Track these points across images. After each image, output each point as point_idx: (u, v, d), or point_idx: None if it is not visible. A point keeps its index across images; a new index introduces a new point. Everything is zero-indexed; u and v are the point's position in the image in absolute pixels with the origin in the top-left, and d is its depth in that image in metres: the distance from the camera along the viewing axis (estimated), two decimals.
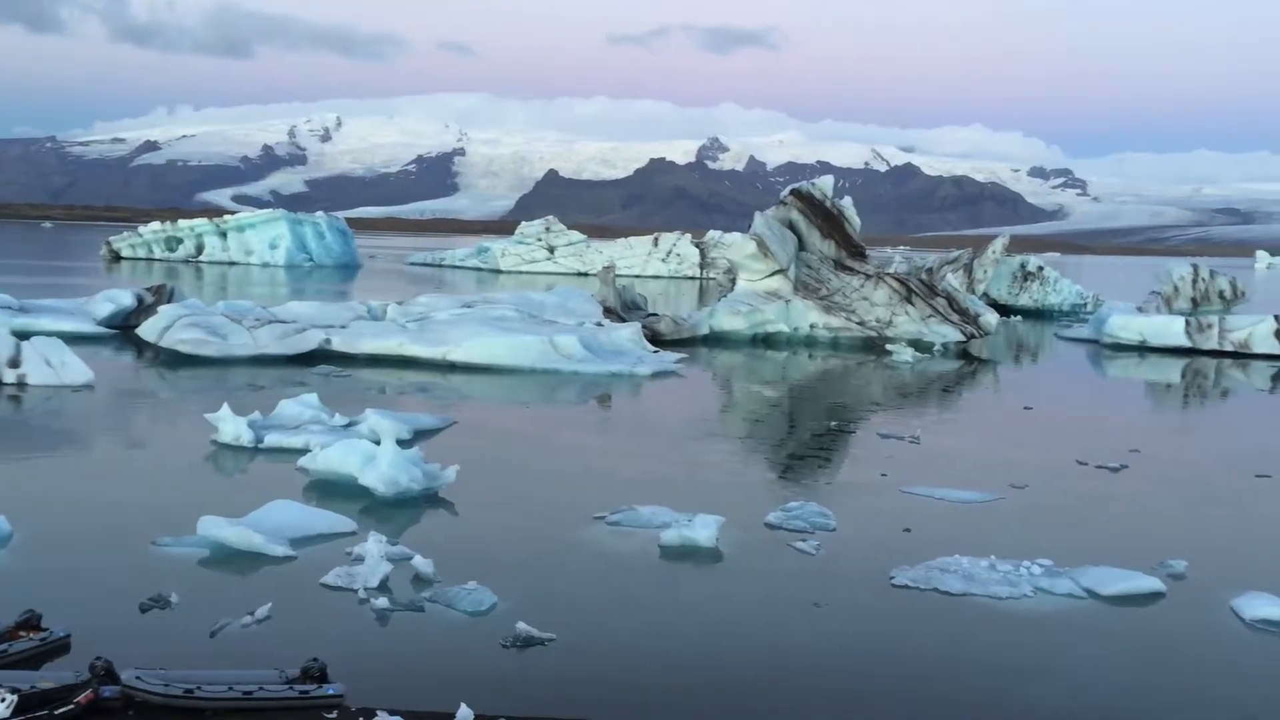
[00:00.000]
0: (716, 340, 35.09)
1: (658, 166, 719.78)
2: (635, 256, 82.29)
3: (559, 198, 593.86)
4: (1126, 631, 10.32)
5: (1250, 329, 36.07)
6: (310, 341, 26.77)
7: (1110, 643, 10.03)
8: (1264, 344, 35.52)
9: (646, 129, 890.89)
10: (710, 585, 11.35)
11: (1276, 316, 36.80)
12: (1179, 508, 15.38)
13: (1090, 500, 15.39)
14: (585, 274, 74.89)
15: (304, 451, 15.43)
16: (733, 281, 38.78)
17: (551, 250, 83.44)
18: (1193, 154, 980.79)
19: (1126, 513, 14.90)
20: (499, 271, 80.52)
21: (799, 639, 9.79)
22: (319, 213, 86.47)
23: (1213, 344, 35.94)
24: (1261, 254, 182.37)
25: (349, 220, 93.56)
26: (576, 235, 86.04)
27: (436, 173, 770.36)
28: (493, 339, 27.09)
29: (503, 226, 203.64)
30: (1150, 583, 11.26)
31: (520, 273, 79.59)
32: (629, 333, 29.78)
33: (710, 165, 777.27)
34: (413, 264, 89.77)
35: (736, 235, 39.76)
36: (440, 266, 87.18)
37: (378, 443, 14.56)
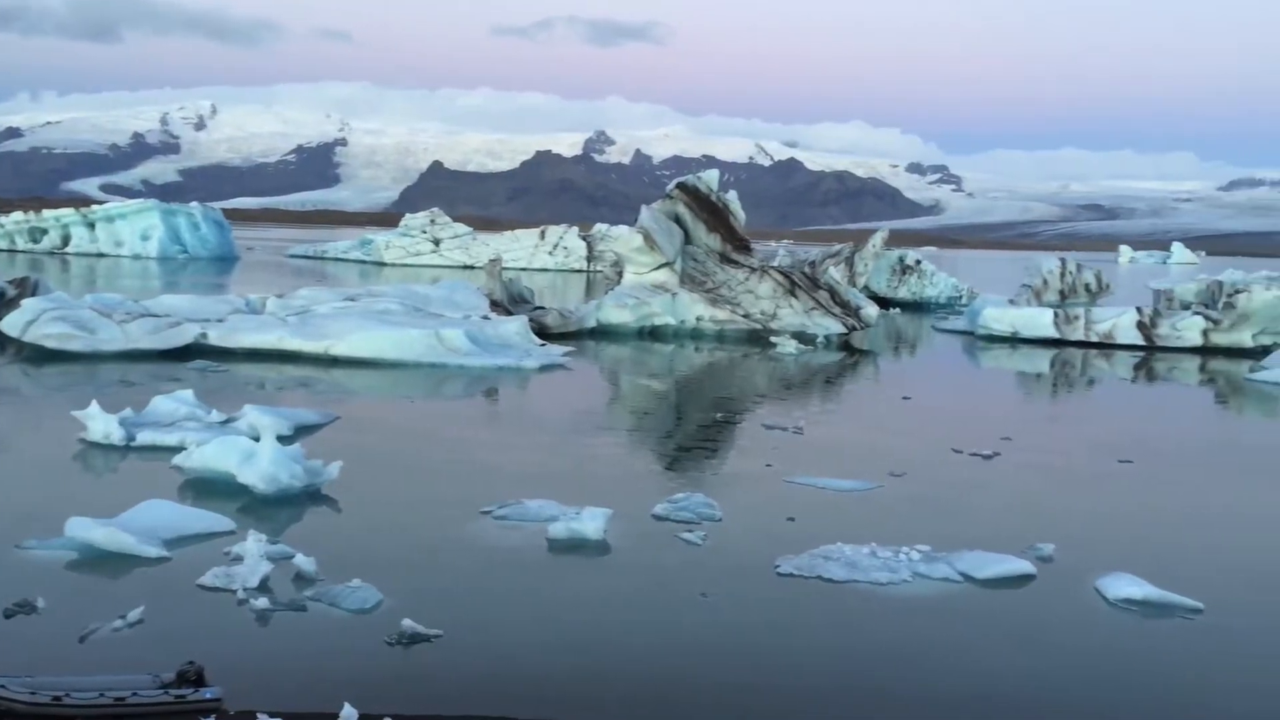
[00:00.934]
0: (604, 333, 35.15)
1: (544, 159, 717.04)
2: (522, 249, 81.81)
3: (444, 190, 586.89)
4: (999, 613, 10.68)
5: (1114, 321, 37.63)
6: (185, 336, 25.95)
7: (985, 624, 10.38)
8: (1127, 335, 37.10)
9: (532, 121, 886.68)
10: (598, 578, 11.39)
11: (1138, 309, 38.48)
12: (1047, 493, 15.97)
13: (965, 487, 15.88)
14: (471, 267, 74.17)
15: (179, 449, 14.96)
16: (619, 275, 38.89)
17: (437, 243, 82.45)
18: (1060, 152, 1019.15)
19: (998, 498, 15.41)
20: (383, 264, 79.22)
21: (687, 629, 9.88)
22: (194, 203, 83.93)
23: (1079, 335, 37.38)
24: (1124, 249, 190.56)
25: (226, 211, 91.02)
26: (462, 228, 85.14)
27: (317, 163, 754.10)
28: (377, 333, 26.66)
29: (387, 218, 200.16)
30: (1021, 565, 11.67)
31: (405, 266, 78.44)
32: (516, 326, 29.63)
33: (597, 158, 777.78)
34: (293, 256, 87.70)
35: (623, 228, 39.94)
36: (322, 259, 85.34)
37: (257, 439, 14.21)
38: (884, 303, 49.99)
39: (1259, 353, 34.27)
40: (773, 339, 34.58)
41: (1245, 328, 36.64)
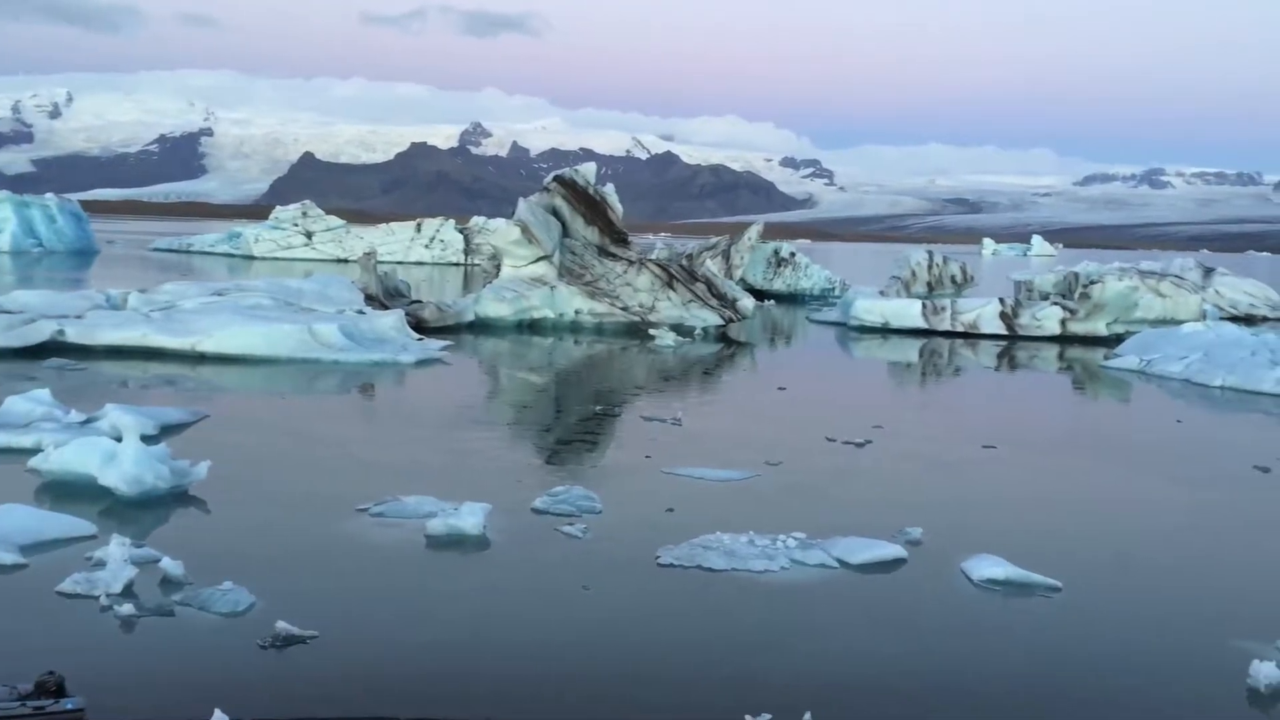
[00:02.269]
0: (482, 327, 34.87)
1: (419, 151, 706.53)
2: (397, 243, 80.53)
3: (316, 181, 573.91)
4: (873, 596, 10.98)
5: (978, 311, 38.95)
6: (40, 333, 24.81)
7: (859, 608, 10.66)
8: (990, 325, 38.45)
9: (407, 112, 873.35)
10: (478, 573, 11.32)
11: (1001, 299, 39.90)
12: (916, 479, 16.46)
13: (838, 474, 16.26)
14: (345, 260, 72.71)
15: (35, 451, 14.31)
16: (497, 268, 38.61)
17: (309, 236, 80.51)
18: (927, 147, 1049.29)
19: (870, 485, 15.83)
20: (252, 258, 76.99)
21: (568, 623, 9.90)
22: (49, 194, 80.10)
23: (946, 325, 38.59)
24: (988, 241, 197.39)
25: (84, 203, 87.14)
26: (335, 220, 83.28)
27: (181, 154, 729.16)
28: (246, 328, 25.93)
29: (256, 211, 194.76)
30: (893, 550, 12.02)
31: (276, 259, 76.40)
32: (392, 320, 29.17)
33: (473, 150, 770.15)
34: (157, 250, 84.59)
35: (501, 221, 39.71)
36: (188, 252, 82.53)
37: (119, 439, 13.68)
38: (760, 295, 50.74)
39: (1113, 341, 35.88)
40: (651, 331, 34.80)
41: (1100, 317, 38.33)
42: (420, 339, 29.36)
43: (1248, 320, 43.80)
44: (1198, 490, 16.28)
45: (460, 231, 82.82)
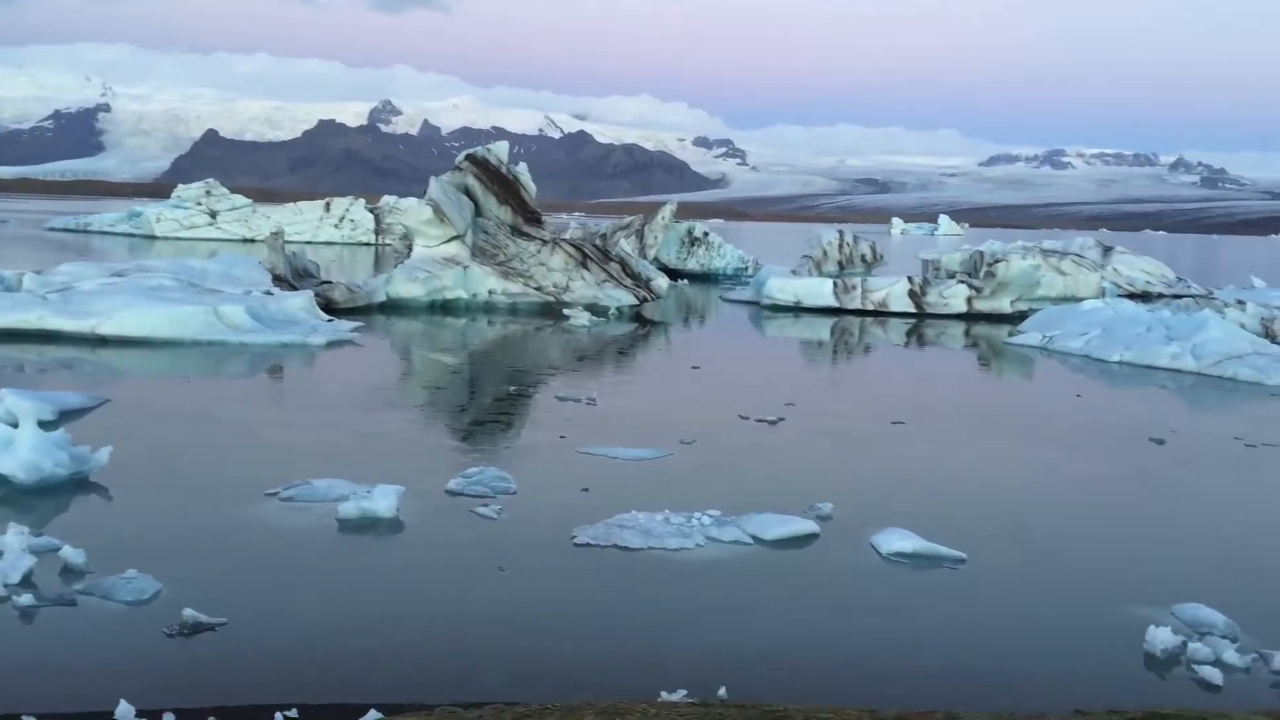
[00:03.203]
0: (394, 308, 34.45)
1: (327, 128, 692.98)
2: (306, 222, 78.99)
3: (220, 159, 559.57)
4: (786, 571, 11.14)
5: (888, 289, 39.61)
6: None
7: (773, 583, 10.80)
8: (899, 303, 39.13)
9: (314, 89, 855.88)
10: (392, 556, 11.21)
11: (909, 278, 40.63)
12: (827, 455, 16.72)
13: (751, 452, 16.44)
14: (252, 240, 71.15)
15: None
16: (409, 248, 38.15)
17: (213, 215, 78.56)
18: (836, 127, 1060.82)
19: (783, 461, 16.03)
20: (154, 238, 74.89)
21: (484, 604, 9.87)
22: None
23: (857, 303, 39.18)
24: (896, 220, 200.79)
25: None
26: (241, 199, 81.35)
27: (78, 130, 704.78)
28: (148, 310, 25.24)
29: (157, 189, 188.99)
30: (806, 525, 12.20)
31: (179, 239, 74.42)
32: (301, 301, 28.65)
33: (383, 128, 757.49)
34: (53, 229, 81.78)
35: (412, 201, 39.14)
36: (86, 232, 79.96)
37: (15, 425, 13.24)
38: (674, 274, 50.92)
39: (1016, 318, 36.78)
40: (565, 311, 34.72)
41: (1004, 295, 39.25)
42: (330, 320, 28.90)
43: (1144, 297, 45.24)
44: (1096, 462, 16.81)
45: (371, 211, 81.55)
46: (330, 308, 31.51)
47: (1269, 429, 19.61)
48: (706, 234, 57.54)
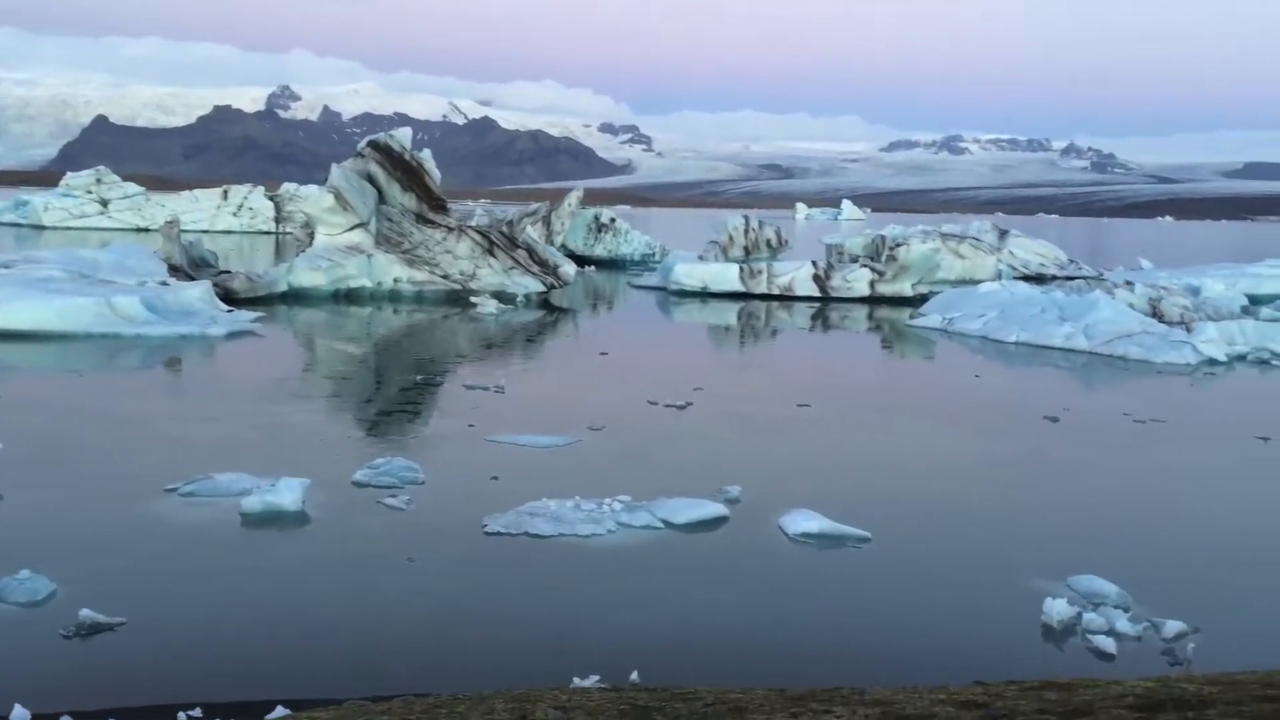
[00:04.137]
0: (296, 297, 33.81)
1: (223, 114, 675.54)
2: (202, 210, 77.02)
3: (111, 146, 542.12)
4: (697, 555, 11.24)
5: (793, 274, 40.12)
6: None
7: (684, 567, 10.89)
8: (804, 287, 39.67)
9: (209, 74, 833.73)
10: (298, 549, 11.04)
11: (814, 263, 41.20)
12: (735, 438, 16.89)
13: (660, 437, 16.53)
14: (146, 230, 69.10)
15: None
16: (311, 236, 37.43)
17: (105, 204, 76.11)
18: (741, 114, 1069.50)
19: (692, 446, 16.15)
20: (42, 228, 72.24)
21: (393, 595, 9.77)
22: None
23: (763, 288, 39.60)
24: (800, 206, 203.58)
25: None
26: (133, 187, 78.92)
27: None
28: (37, 302, 24.38)
29: (45, 178, 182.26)
30: (715, 509, 12.33)
31: (68, 229, 71.91)
32: (198, 292, 27.95)
33: (282, 114, 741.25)
34: None
35: (313, 188, 38.44)
36: None
37: None
38: (581, 260, 50.87)
39: (918, 301, 37.53)
40: (472, 299, 34.46)
41: (905, 278, 40.03)
42: (230, 310, 28.27)
43: (1038, 279, 46.48)
44: (994, 440, 17.28)
45: (270, 198, 79.82)
46: (229, 298, 30.82)
47: (1156, 405, 20.36)
48: (613, 220, 57.58)
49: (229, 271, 35.15)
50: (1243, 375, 24.91)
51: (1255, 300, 39.65)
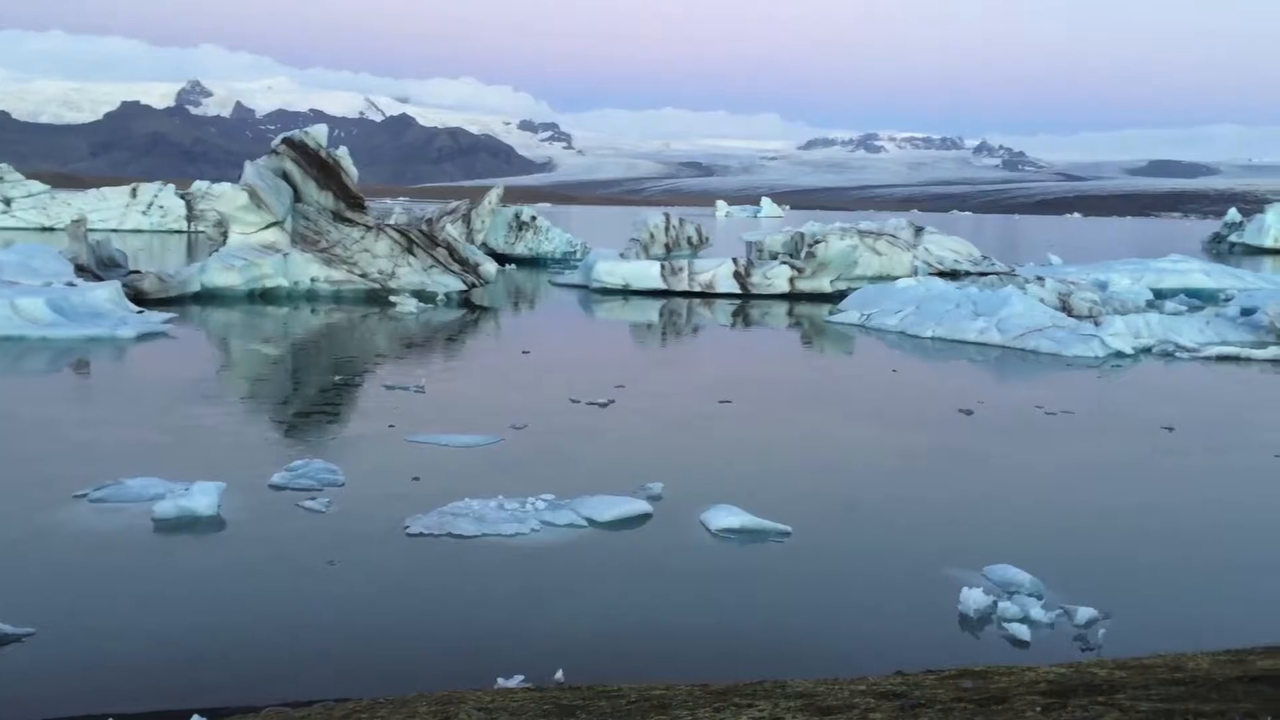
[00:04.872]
0: (209, 297, 33.11)
1: (131, 110, 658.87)
2: (111, 209, 75.07)
3: (13, 143, 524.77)
4: (621, 552, 11.26)
5: (714, 271, 40.36)
6: None
7: (608, 564, 10.90)
8: (725, 284, 39.93)
9: (116, 69, 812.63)
10: (214, 555, 10.81)
11: (734, 259, 41.48)
12: (657, 435, 16.95)
13: (583, 435, 16.52)
14: (51, 229, 67.21)
15: None
16: (224, 235, 36.72)
17: (7, 202, 73.75)
18: (661, 111, 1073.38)
19: (614, 443, 16.17)
20: None
21: (313, 600, 9.63)
22: None
23: (684, 285, 39.78)
24: (721, 203, 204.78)
25: None
26: (38, 185, 76.64)
27: None
28: None
29: None
30: (639, 506, 12.36)
31: None
32: (107, 293, 27.24)
33: (192, 110, 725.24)
34: None
35: (226, 186, 37.70)
36: None
37: None
38: (502, 259, 50.62)
39: (836, 297, 38.01)
40: (392, 298, 34.09)
41: (824, 275, 40.51)
42: (140, 312, 27.62)
43: (953, 275, 47.36)
44: (911, 434, 17.57)
45: (181, 197, 78.03)
46: (140, 299, 30.10)
47: (1066, 397, 20.89)
48: (534, 218, 57.37)
49: (139, 271, 34.32)
50: (1148, 367, 25.67)
51: (1159, 294, 40.90)
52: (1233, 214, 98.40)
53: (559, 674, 7.87)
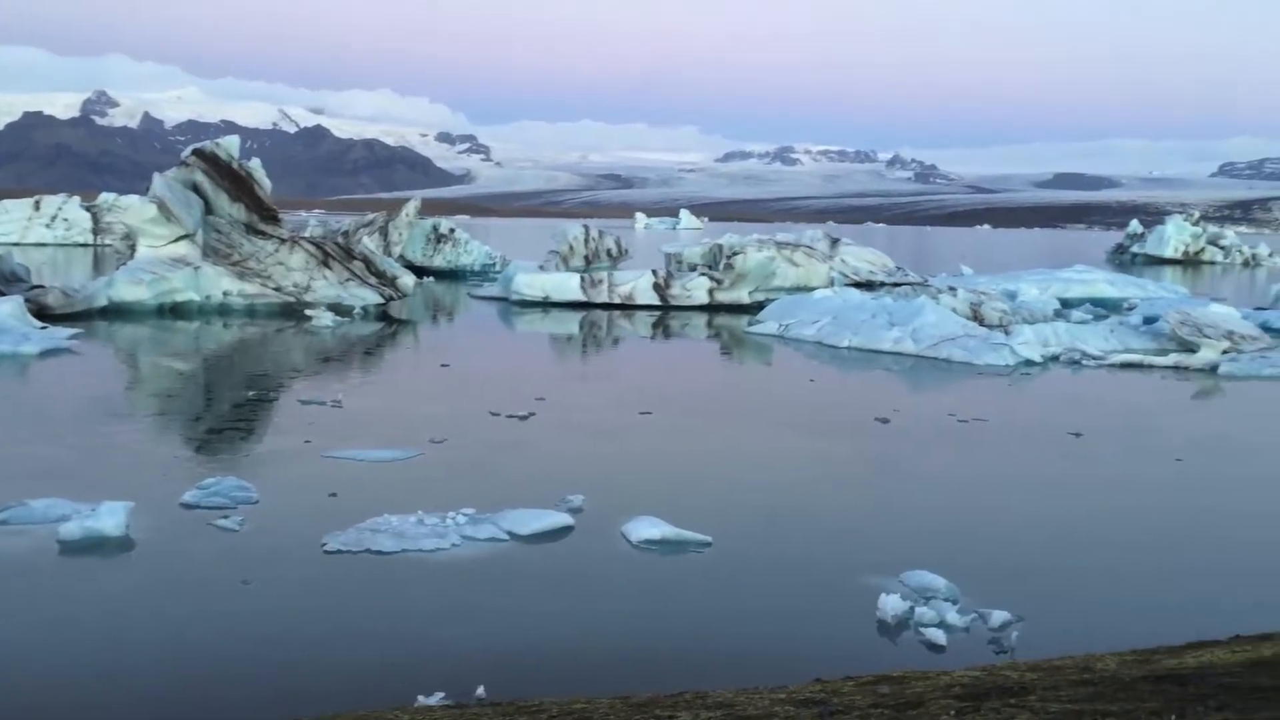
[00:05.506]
0: (117, 313, 32.28)
1: (34, 121, 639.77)
2: (13, 222, 72.87)
3: None
4: (542, 565, 11.21)
5: (633, 283, 40.46)
6: None
7: (529, 578, 10.84)
8: (645, 296, 40.05)
9: (17, 79, 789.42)
10: (122, 576, 10.53)
11: (654, 271, 41.64)
12: (578, 447, 16.92)
13: (503, 448, 16.43)
14: None
15: None
16: (132, 248, 35.81)
17: None
18: (579, 124, 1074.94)
19: (535, 456, 16.11)
20: None
21: (226, 620, 9.42)
22: None
23: (604, 297, 39.82)
24: (640, 215, 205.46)
25: None
26: None
27: None
28: None
29: None
30: (561, 519, 12.32)
31: None
32: (9, 308, 26.41)
33: (98, 121, 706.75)
34: None
35: (134, 198, 36.78)
36: None
37: None
38: (420, 271, 50.16)
39: (755, 308, 38.37)
40: (308, 312, 33.57)
41: (743, 286, 40.87)
42: (44, 327, 26.82)
43: (868, 286, 48.11)
44: (829, 442, 17.80)
45: (87, 209, 76.07)
46: (43, 314, 29.24)
47: (978, 405, 21.34)
48: (453, 230, 56.99)
49: (42, 286, 33.34)
50: (1056, 375, 26.34)
51: (1066, 304, 42.01)
52: (1135, 225, 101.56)
53: (480, 690, 7.80)
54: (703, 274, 41.97)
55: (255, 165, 37.12)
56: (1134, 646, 7.69)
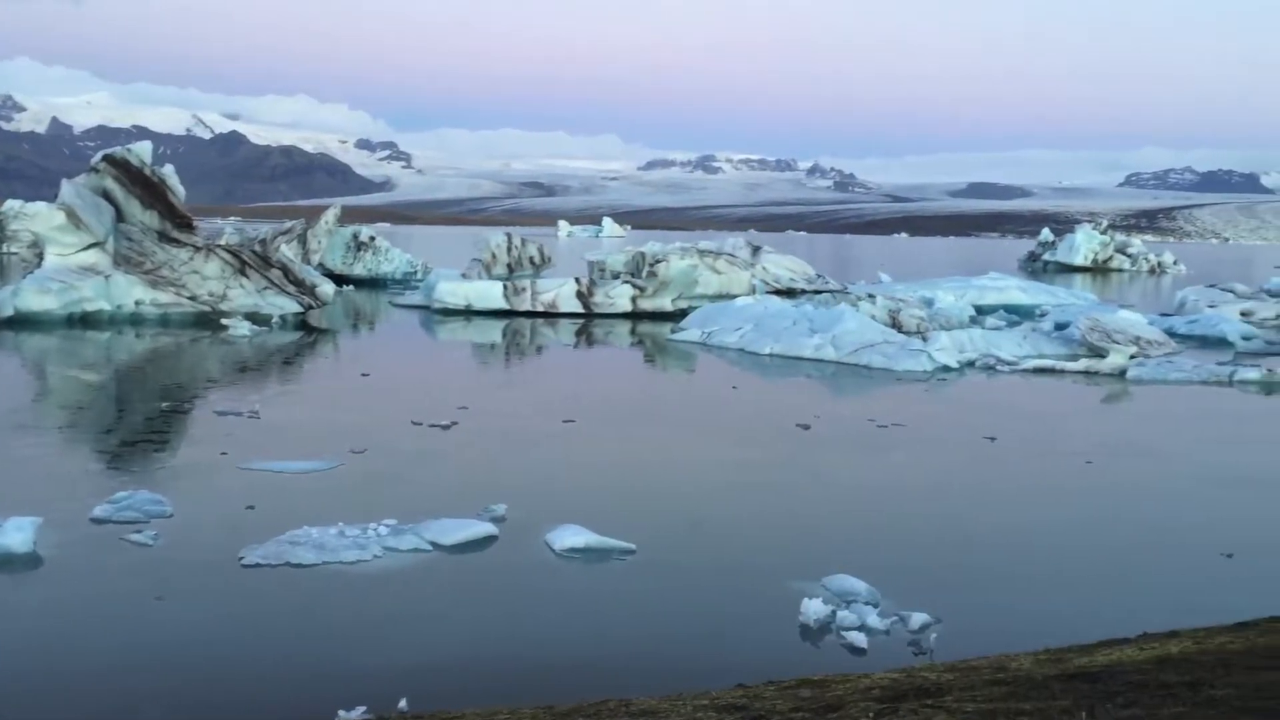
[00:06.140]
0: (23, 322, 31.34)
1: None
2: None
3: None
4: (465, 575, 11.13)
5: (557, 291, 40.39)
6: None
7: (452, 588, 10.76)
8: (568, 304, 40.01)
9: None
10: (29, 594, 10.22)
11: (577, 279, 41.62)
12: (501, 456, 16.83)
13: (425, 457, 16.28)
14: None
15: None
16: (40, 256, 34.85)
17: None
18: (501, 132, 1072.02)
19: (457, 465, 15.99)
20: None
21: (140, 637, 9.19)
22: None
23: (527, 305, 39.68)
24: (563, 223, 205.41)
25: None
26: None
27: None
28: None
29: None
30: (484, 528, 12.24)
31: None
32: None
33: (4, 126, 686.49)
34: None
35: (41, 205, 35.72)
36: None
37: None
38: (340, 280, 49.49)
39: (678, 315, 38.54)
40: (224, 321, 32.93)
41: (666, 293, 41.03)
42: None
43: (789, 293, 48.62)
44: (752, 449, 17.94)
45: None
46: None
47: (897, 411, 21.67)
48: (373, 238, 56.34)
49: None
50: (972, 380, 26.88)
51: (980, 310, 42.89)
52: (1046, 234, 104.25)
53: (402, 703, 7.72)
54: (626, 282, 42.05)
55: (169, 171, 36.35)
56: (1047, 646, 7.89)
